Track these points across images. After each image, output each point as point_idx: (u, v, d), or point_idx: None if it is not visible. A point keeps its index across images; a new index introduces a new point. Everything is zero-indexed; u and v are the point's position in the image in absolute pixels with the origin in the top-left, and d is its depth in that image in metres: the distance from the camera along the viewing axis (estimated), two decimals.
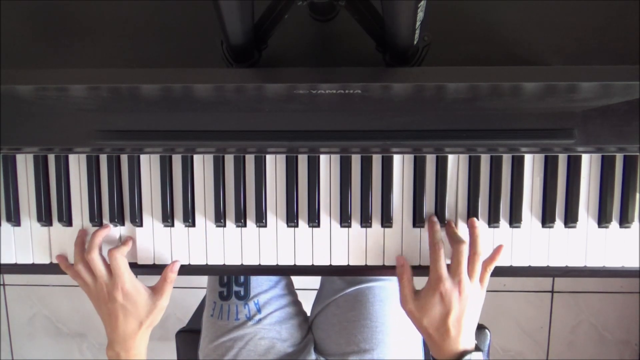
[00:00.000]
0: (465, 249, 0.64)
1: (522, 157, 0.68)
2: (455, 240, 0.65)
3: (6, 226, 0.71)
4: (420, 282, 0.67)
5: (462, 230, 0.69)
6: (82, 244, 0.69)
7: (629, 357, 1.64)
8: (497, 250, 0.67)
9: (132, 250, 0.70)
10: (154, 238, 0.71)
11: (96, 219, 0.70)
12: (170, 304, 0.70)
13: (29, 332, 1.71)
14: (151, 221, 0.70)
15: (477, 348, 0.63)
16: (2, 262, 0.72)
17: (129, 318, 0.66)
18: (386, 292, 0.81)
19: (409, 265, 0.68)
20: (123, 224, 0.71)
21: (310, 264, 0.71)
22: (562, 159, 0.68)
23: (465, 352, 0.61)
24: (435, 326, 0.63)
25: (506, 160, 0.68)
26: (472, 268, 0.64)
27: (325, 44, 0.55)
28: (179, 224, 0.71)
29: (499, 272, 0.70)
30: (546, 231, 0.69)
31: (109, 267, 0.66)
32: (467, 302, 0.62)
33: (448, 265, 0.64)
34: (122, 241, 0.70)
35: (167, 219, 0.70)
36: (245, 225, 0.70)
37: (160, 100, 0.55)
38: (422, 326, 0.65)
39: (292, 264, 0.71)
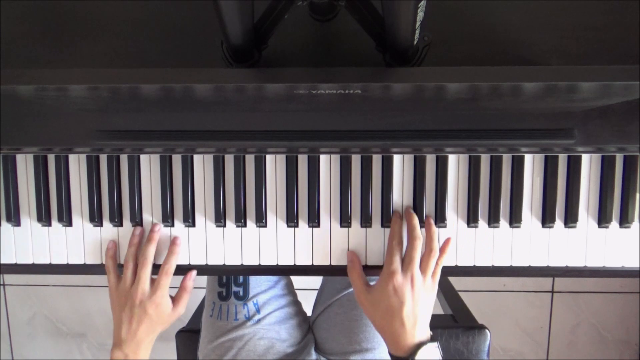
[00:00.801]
0: (419, 245, 0.65)
1: (522, 157, 0.68)
2: (412, 236, 0.66)
3: (6, 226, 0.71)
4: None
5: (462, 229, 0.69)
6: (138, 244, 0.70)
7: (629, 357, 1.64)
8: (445, 243, 0.68)
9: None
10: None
11: (96, 219, 0.70)
12: None
13: (29, 332, 1.71)
14: (151, 221, 0.70)
15: (433, 338, 0.64)
16: (2, 262, 0.72)
17: (150, 326, 0.67)
18: None
19: (358, 260, 0.69)
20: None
21: (310, 264, 0.71)
22: (562, 159, 0.68)
23: (420, 344, 0.62)
24: (388, 320, 0.64)
25: (506, 160, 0.68)
26: (425, 264, 0.65)
27: (325, 44, 0.55)
28: (179, 224, 0.71)
29: (499, 272, 0.70)
30: (546, 231, 0.69)
31: (152, 279, 0.68)
32: (420, 295, 0.64)
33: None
34: (170, 250, 0.70)
35: (167, 219, 0.70)
36: (245, 225, 0.70)
37: (160, 100, 0.55)
38: (375, 320, 0.66)
39: (292, 264, 0.71)
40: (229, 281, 0.81)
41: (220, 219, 0.69)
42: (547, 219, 0.68)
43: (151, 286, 0.67)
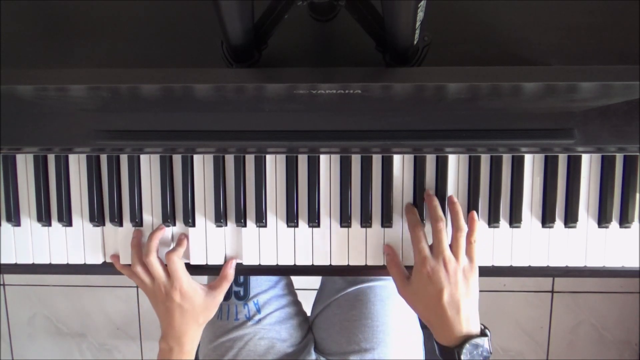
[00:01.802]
0: (443, 226, 0.63)
1: (522, 157, 0.68)
2: (434, 219, 0.64)
3: (6, 226, 0.71)
4: None
5: (466, 229, 0.69)
6: (139, 245, 0.69)
7: (629, 357, 1.64)
8: (471, 219, 0.65)
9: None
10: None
11: (96, 219, 0.70)
12: None
13: (29, 332, 1.71)
14: (151, 221, 0.70)
15: (483, 333, 0.60)
16: (2, 262, 0.72)
17: (186, 316, 0.67)
18: (387, 291, 0.81)
19: (395, 253, 0.68)
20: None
21: (310, 264, 0.71)
22: (562, 159, 0.68)
23: (468, 337, 0.59)
24: (431, 309, 0.62)
25: (506, 160, 0.68)
26: (455, 245, 0.62)
27: (325, 44, 0.55)
28: (179, 224, 0.71)
29: (499, 272, 0.70)
30: (546, 231, 0.69)
31: (166, 269, 0.67)
32: (457, 278, 0.60)
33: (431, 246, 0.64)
34: (177, 241, 0.70)
35: (168, 219, 0.70)
36: (245, 225, 0.70)
37: (160, 100, 0.55)
38: (419, 311, 0.64)
39: (292, 264, 0.71)
40: None
41: (220, 219, 0.69)
42: (547, 219, 0.68)
43: (168, 278, 0.67)
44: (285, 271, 0.74)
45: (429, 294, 0.61)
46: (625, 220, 0.68)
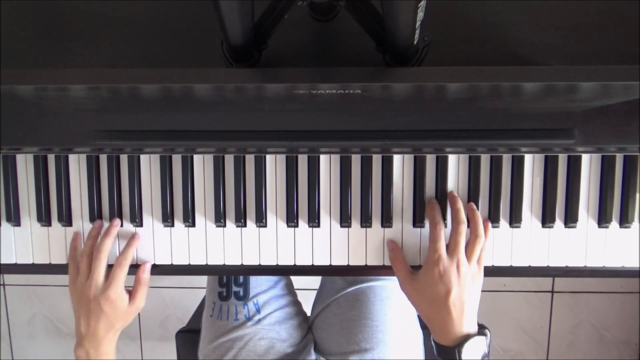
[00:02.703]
0: (464, 230, 0.64)
1: (522, 157, 0.68)
2: (456, 221, 0.65)
3: (6, 226, 0.71)
4: None
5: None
6: (96, 237, 0.68)
7: (629, 357, 1.64)
8: (486, 229, 0.67)
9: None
10: (154, 238, 0.71)
11: (96, 219, 0.70)
12: (170, 304, 0.70)
13: (29, 332, 1.71)
14: (151, 221, 0.70)
15: (481, 332, 0.62)
16: (2, 262, 0.72)
17: (106, 322, 0.66)
18: (387, 291, 0.81)
19: (399, 248, 0.69)
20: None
21: (310, 264, 0.71)
22: (562, 159, 0.68)
23: (468, 336, 0.60)
24: (435, 308, 0.62)
25: (506, 160, 0.68)
26: (471, 250, 0.64)
27: (325, 44, 0.55)
28: (179, 224, 0.71)
29: (499, 272, 0.70)
30: (546, 231, 0.69)
31: (107, 272, 0.66)
32: (466, 282, 0.62)
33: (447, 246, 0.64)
34: (128, 243, 0.70)
35: (167, 219, 0.70)
36: (245, 225, 0.70)
37: (160, 100, 0.55)
38: (421, 308, 0.65)
39: (292, 264, 0.71)
40: (229, 281, 0.81)
41: (220, 219, 0.69)
42: (547, 219, 0.68)
43: (106, 280, 0.66)
44: (285, 271, 0.74)
45: (436, 293, 0.62)
46: (625, 220, 0.68)
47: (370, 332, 0.77)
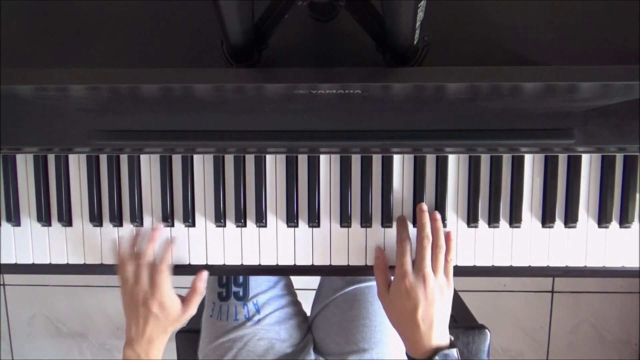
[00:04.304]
0: (428, 244, 0.64)
1: (522, 157, 0.68)
2: (420, 235, 0.65)
3: (6, 226, 0.71)
4: None
5: (462, 229, 0.69)
6: (140, 242, 0.69)
7: (629, 357, 1.64)
8: (448, 238, 0.67)
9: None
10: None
11: (96, 219, 0.70)
12: None
13: (29, 332, 1.71)
14: (151, 221, 0.70)
15: (452, 345, 0.63)
16: (2, 262, 0.72)
17: (158, 326, 0.67)
18: None
19: (384, 258, 0.69)
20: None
21: (310, 264, 0.71)
22: (562, 159, 0.68)
23: (438, 349, 0.61)
24: (404, 322, 0.63)
25: (506, 160, 0.68)
26: (435, 261, 0.64)
27: (325, 44, 0.55)
28: (179, 224, 0.70)
29: (499, 272, 0.70)
30: (546, 231, 0.69)
31: (152, 277, 0.67)
32: (434, 295, 0.62)
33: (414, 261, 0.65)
34: (164, 248, 0.70)
35: (167, 219, 0.70)
36: (245, 225, 0.70)
37: (160, 100, 0.55)
38: (393, 321, 0.66)
39: (292, 264, 0.71)
40: (229, 281, 0.81)
41: (220, 219, 0.69)
42: (547, 219, 0.68)
43: (150, 287, 0.67)
44: (285, 271, 0.74)
45: (404, 308, 0.63)
46: (625, 220, 0.68)
47: (369, 332, 0.77)
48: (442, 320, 0.63)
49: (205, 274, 0.71)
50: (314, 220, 0.69)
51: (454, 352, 0.61)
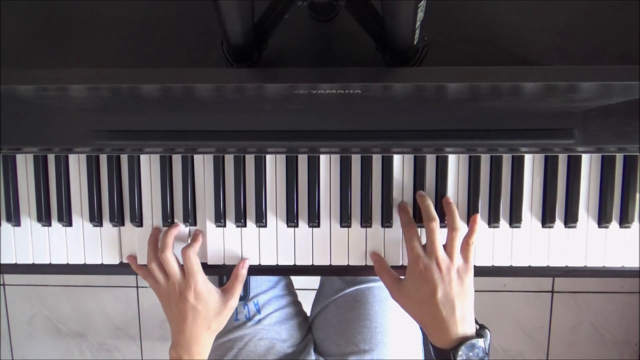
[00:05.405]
0: (436, 226, 0.62)
1: (522, 157, 0.68)
2: (426, 218, 0.63)
3: (6, 226, 0.71)
4: None
5: (462, 229, 0.69)
6: (155, 242, 0.67)
7: (629, 357, 1.64)
8: (473, 221, 0.65)
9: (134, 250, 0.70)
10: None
11: (96, 219, 0.70)
12: None
13: (29, 332, 1.71)
14: (151, 221, 0.70)
15: (479, 334, 0.59)
16: (2, 262, 0.72)
17: (198, 320, 0.64)
18: (386, 292, 0.80)
19: (382, 258, 0.68)
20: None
21: (310, 264, 0.71)
22: (562, 159, 0.68)
23: (465, 338, 0.58)
24: (425, 309, 0.60)
25: (506, 160, 0.68)
26: (450, 244, 0.62)
27: (325, 44, 0.55)
28: (179, 224, 0.70)
29: (499, 272, 0.70)
30: (546, 231, 0.69)
31: (182, 266, 0.65)
32: (452, 277, 0.59)
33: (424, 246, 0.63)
34: (192, 236, 0.69)
35: (167, 219, 0.70)
36: (245, 225, 0.70)
37: (160, 100, 0.55)
38: (413, 312, 0.63)
39: (292, 264, 0.71)
40: None
41: (220, 218, 0.69)
42: (547, 219, 0.68)
43: (183, 276, 0.64)
44: (285, 271, 0.74)
45: (422, 294, 0.60)
46: (625, 220, 0.68)
47: (369, 333, 0.77)
48: (464, 304, 0.59)
49: (247, 261, 0.68)
50: (314, 220, 0.69)
51: (481, 341, 0.58)
